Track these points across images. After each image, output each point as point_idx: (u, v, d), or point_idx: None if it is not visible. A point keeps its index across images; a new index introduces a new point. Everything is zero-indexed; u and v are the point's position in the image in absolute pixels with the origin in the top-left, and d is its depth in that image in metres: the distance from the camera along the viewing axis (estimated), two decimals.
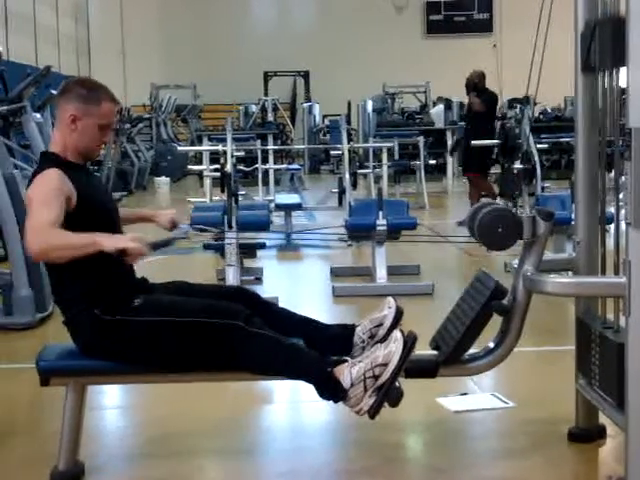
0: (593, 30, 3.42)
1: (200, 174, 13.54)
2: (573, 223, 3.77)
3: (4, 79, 8.66)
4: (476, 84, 10.91)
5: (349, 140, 12.00)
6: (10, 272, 6.05)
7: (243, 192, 10.51)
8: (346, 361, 3.23)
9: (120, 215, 3.65)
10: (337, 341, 3.43)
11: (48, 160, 3.36)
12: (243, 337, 3.21)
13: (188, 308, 3.29)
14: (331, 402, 3.25)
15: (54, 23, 21.67)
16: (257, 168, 13.35)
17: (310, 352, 3.26)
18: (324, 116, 23.50)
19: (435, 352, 3.49)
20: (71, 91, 3.38)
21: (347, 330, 3.46)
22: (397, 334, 3.20)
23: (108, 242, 3.09)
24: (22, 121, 7.56)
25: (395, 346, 3.16)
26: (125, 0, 26.39)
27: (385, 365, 3.14)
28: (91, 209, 3.32)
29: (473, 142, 10.27)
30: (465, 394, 4.35)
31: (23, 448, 3.89)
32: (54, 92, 10.63)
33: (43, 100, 9.76)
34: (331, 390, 3.20)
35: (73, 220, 3.22)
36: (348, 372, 3.17)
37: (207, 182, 12.42)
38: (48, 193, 3.20)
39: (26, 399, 4.66)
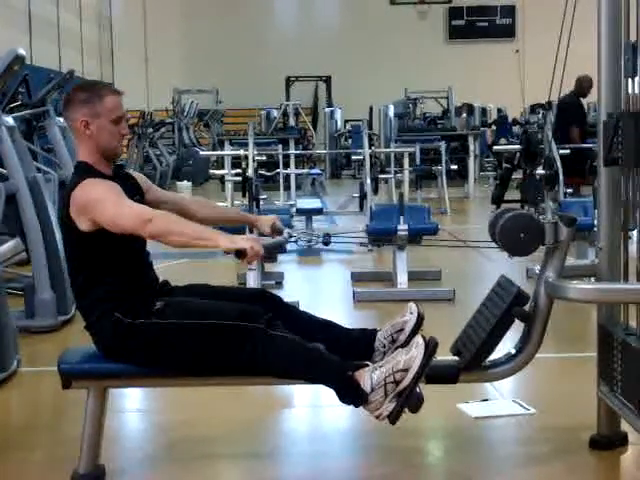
0: (616, 123, 3.40)
1: (222, 178, 13.58)
2: (595, 229, 3.75)
3: (28, 83, 8.69)
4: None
5: (370, 145, 12.00)
6: (32, 275, 6.08)
7: (264, 196, 10.53)
8: (367, 365, 3.23)
9: (216, 210, 3.76)
10: (358, 345, 3.42)
11: (86, 171, 3.36)
12: (264, 339, 3.21)
13: (210, 310, 3.30)
14: (351, 407, 3.25)
15: (77, 28, 21.81)
16: (278, 173, 13.37)
17: (331, 356, 3.26)
18: (346, 121, 23.52)
19: (456, 358, 3.48)
20: (73, 100, 3.39)
21: (368, 335, 3.46)
22: (418, 339, 3.19)
23: (227, 241, 3.10)
24: (45, 125, 7.60)
25: (416, 351, 3.15)
26: (148, 6, 26.52)
27: (406, 370, 3.13)
28: None
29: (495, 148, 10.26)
30: (486, 400, 4.34)
31: (44, 451, 3.90)
32: None
33: None
34: (352, 394, 3.20)
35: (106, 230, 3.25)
36: (369, 377, 3.17)
37: (229, 186, 12.45)
38: (116, 190, 3.24)
39: (48, 402, 4.68)
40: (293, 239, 3.69)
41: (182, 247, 3.24)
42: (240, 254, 3.09)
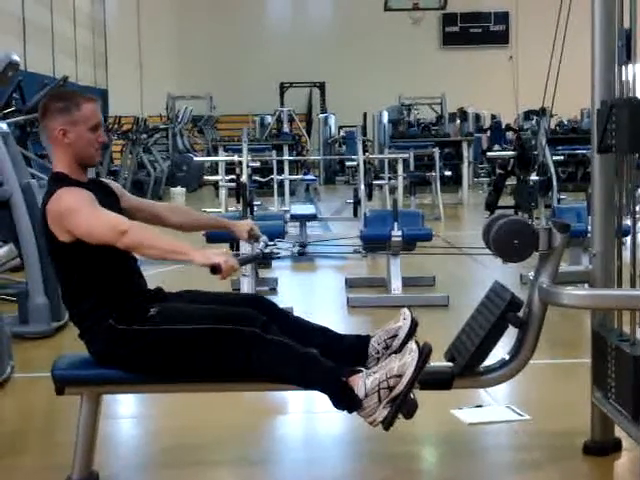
0: (610, 111, 3.41)
1: (216, 184, 13.57)
2: (589, 235, 3.76)
3: (22, 89, 8.70)
4: None
5: (364, 151, 12.01)
6: (26, 281, 6.07)
7: (258, 202, 10.53)
8: (361, 371, 3.23)
9: (191, 216, 3.73)
10: (352, 351, 3.42)
11: (60, 180, 3.37)
12: (259, 344, 3.21)
13: (204, 315, 3.30)
14: (345, 413, 3.24)
15: (72, 34, 21.80)
16: (272, 179, 13.37)
17: (325, 361, 3.26)
18: (340, 127, 23.53)
19: (450, 364, 3.48)
20: (49, 109, 3.40)
21: (362, 341, 3.46)
22: (412, 345, 3.19)
23: (201, 256, 3.11)
24: (39, 131, 7.60)
25: (410, 357, 3.15)
26: (142, 12, 26.52)
27: (400, 376, 3.13)
28: None
29: (489, 154, 10.26)
30: (480, 406, 4.34)
31: (37, 457, 3.90)
32: None
33: None
34: (346, 400, 3.20)
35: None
36: (362, 383, 3.17)
37: (223, 192, 12.45)
38: (90, 199, 3.24)
39: (41, 408, 4.67)
40: (268, 250, 3.68)
41: (156, 259, 3.22)
42: (214, 269, 3.09)
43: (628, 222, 3.73)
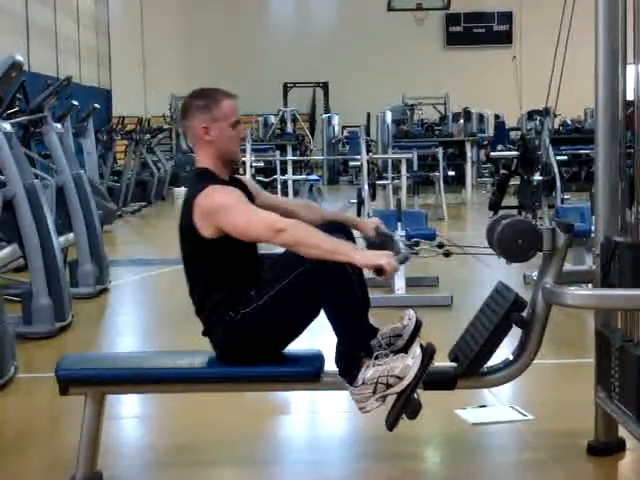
0: (614, 249, 3.41)
1: None
2: (593, 235, 3.75)
3: (25, 90, 8.69)
4: None
5: (368, 151, 12.02)
6: (30, 281, 6.07)
7: None
8: (370, 357, 3.25)
9: (322, 213, 3.70)
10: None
11: (209, 177, 3.36)
12: (348, 279, 3.22)
13: (291, 269, 3.26)
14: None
15: (75, 34, 21.79)
16: (276, 179, 13.38)
17: (365, 330, 3.31)
18: (343, 127, 23.54)
19: (454, 364, 3.48)
20: (190, 108, 3.43)
21: (372, 331, 3.46)
22: (417, 350, 3.21)
23: (363, 258, 3.12)
24: (43, 131, 7.60)
25: (413, 362, 3.17)
26: (145, 11, 26.54)
27: (400, 378, 3.15)
28: None
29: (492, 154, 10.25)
30: (484, 406, 4.33)
31: (41, 458, 3.90)
32: (75, 103, 10.72)
33: (64, 110, 9.81)
34: (348, 368, 3.23)
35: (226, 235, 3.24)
36: (364, 370, 3.20)
37: None
38: (242, 197, 3.26)
39: (45, 408, 4.67)
40: (414, 251, 3.70)
41: (313, 258, 3.15)
42: (378, 271, 3.10)
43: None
